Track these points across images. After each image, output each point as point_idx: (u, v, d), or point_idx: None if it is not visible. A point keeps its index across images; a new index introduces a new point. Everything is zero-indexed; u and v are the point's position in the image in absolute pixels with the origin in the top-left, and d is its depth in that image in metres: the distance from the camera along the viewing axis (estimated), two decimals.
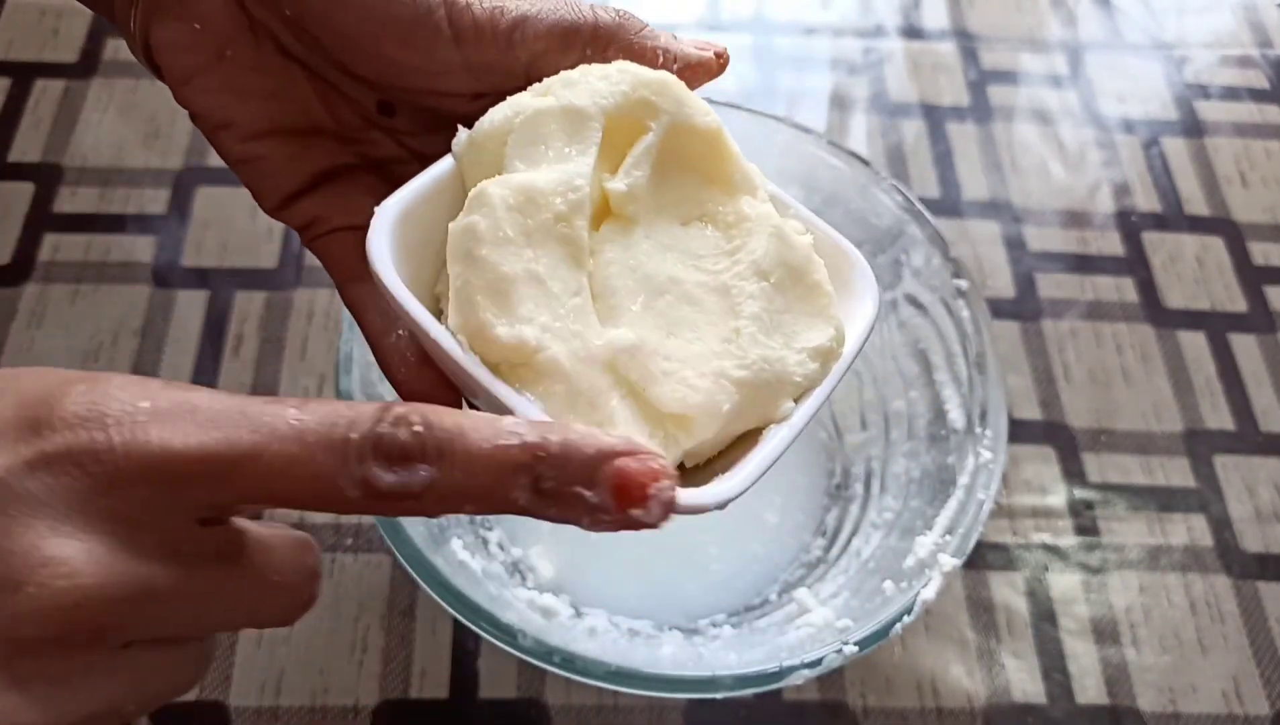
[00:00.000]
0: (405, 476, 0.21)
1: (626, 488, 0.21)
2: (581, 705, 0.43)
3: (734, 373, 0.26)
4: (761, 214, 0.29)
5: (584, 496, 0.21)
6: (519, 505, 0.21)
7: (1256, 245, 0.60)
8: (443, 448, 0.21)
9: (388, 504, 0.21)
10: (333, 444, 0.21)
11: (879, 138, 0.63)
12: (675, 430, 0.26)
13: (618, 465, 0.21)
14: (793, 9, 0.69)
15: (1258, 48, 0.69)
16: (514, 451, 0.21)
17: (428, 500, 0.21)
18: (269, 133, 0.29)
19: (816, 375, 0.28)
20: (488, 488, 0.21)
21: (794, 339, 0.27)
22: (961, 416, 0.42)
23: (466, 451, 0.21)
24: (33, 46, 0.62)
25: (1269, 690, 0.46)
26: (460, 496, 0.21)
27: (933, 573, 0.37)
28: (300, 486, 0.21)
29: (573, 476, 0.21)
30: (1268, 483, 0.51)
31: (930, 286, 0.45)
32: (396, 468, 0.21)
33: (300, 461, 0.20)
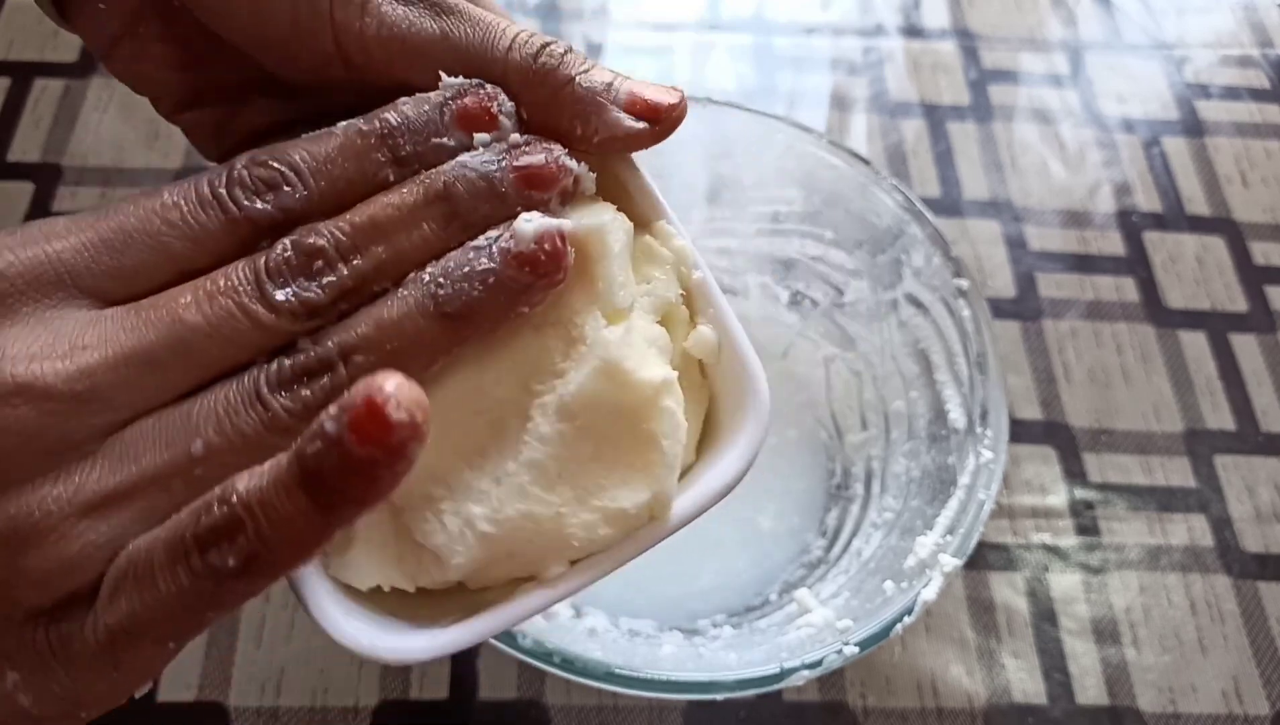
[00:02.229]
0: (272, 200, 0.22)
1: (471, 116, 0.23)
2: (581, 705, 0.43)
3: (479, 525, 0.23)
4: (598, 340, 0.23)
5: (446, 145, 0.23)
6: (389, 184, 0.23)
7: (1257, 245, 0.60)
8: (295, 166, 0.22)
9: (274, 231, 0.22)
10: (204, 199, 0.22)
11: (879, 137, 0.63)
12: (429, 560, 0.23)
13: (453, 106, 0.23)
14: (793, 9, 0.69)
15: (1258, 48, 0.69)
16: (358, 138, 0.23)
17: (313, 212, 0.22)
18: (197, 101, 0.28)
19: (608, 540, 0.23)
20: (353, 180, 0.22)
21: (590, 495, 0.23)
22: (962, 416, 0.42)
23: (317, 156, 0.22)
24: (33, 46, 0.62)
25: (1269, 690, 0.46)
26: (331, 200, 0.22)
27: (933, 573, 0.37)
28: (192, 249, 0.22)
29: (422, 132, 0.23)
30: (1268, 483, 0.51)
31: (931, 286, 0.45)
32: (265, 196, 0.22)
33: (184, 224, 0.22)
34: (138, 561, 0.20)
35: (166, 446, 0.20)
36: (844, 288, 0.49)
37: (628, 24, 0.67)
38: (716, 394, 0.25)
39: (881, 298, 0.47)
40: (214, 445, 0.20)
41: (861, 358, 0.49)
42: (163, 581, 0.19)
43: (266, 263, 0.21)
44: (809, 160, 0.47)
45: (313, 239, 0.22)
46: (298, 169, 0.22)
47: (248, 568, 0.19)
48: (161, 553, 0.20)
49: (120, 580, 0.20)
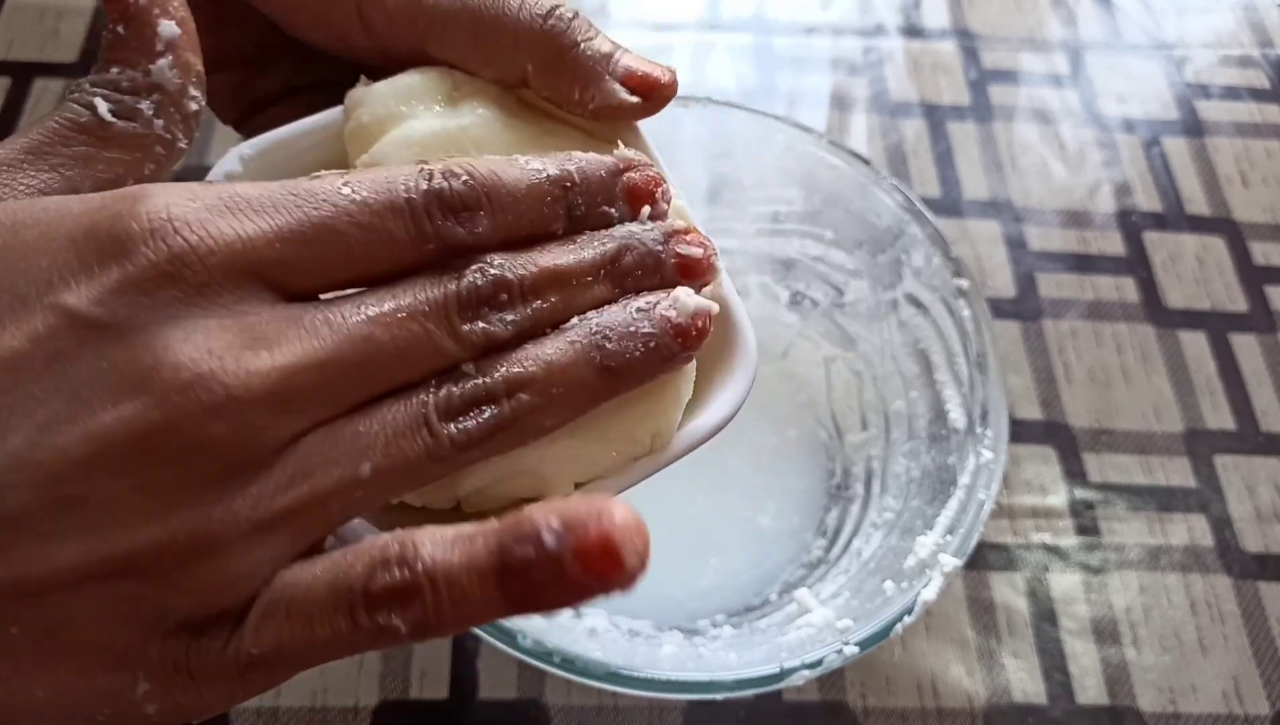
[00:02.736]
0: (468, 225, 0.22)
1: (639, 193, 0.24)
2: (581, 706, 0.43)
3: None
4: None
5: (610, 214, 0.24)
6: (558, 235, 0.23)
7: (1257, 245, 0.60)
8: (490, 192, 0.22)
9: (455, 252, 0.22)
10: (396, 206, 0.21)
11: (879, 137, 0.63)
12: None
13: (625, 179, 0.24)
14: (793, 9, 0.69)
15: (1258, 48, 0.69)
16: (545, 185, 0.23)
17: (493, 243, 0.22)
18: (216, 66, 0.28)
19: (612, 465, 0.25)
20: (534, 222, 0.23)
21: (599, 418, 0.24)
22: (962, 416, 0.42)
23: (512, 192, 0.22)
24: (33, 46, 0.62)
25: (1269, 690, 0.46)
26: (511, 233, 0.22)
27: (933, 573, 0.37)
28: (375, 252, 0.21)
29: (596, 197, 0.24)
30: (1268, 483, 0.51)
31: (931, 286, 0.45)
32: (459, 217, 0.22)
33: (372, 228, 0.21)
34: (295, 596, 0.20)
35: (337, 465, 0.20)
36: (844, 288, 0.49)
37: (628, 24, 0.67)
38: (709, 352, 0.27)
39: (881, 298, 0.47)
40: (380, 469, 0.20)
41: (861, 358, 0.49)
42: (320, 624, 0.19)
43: (459, 289, 0.21)
44: (809, 160, 0.47)
45: (505, 274, 0.22)
46: (494, 197, 0.22)
47: (413, 633, 0.19)
48: (324, 596, 0.19)
49: (273, 610, 0.20)
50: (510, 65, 0.26)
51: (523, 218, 0.23)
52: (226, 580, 0.19)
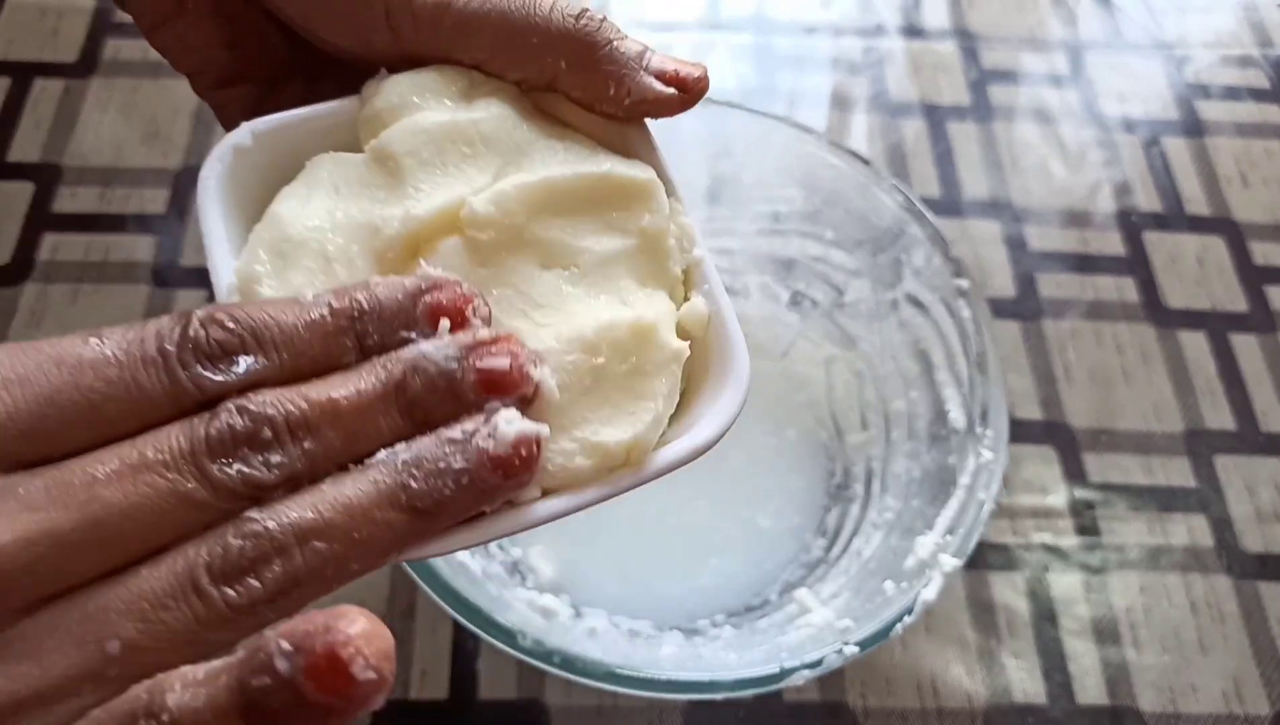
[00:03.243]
0: (228, 370, 0.20)
1: (442, 312, 0.22)
2: (581, 706, 0.43)
3: None
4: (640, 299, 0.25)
5: (409, 338, 0.21)
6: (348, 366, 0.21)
7: (1257, 245, 0.60)
8: (258, 333, 0.20)
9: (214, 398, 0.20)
10: (147, 358, 0.19)
11: (879, 137, 0.63)
12: None
13: (428, 300, 0.22)
14: (793, 8, 0.69)
15: (1258, 48, 0.69)
16: (327, 317, 0.21)
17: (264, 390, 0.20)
18: (236, 79, 0.29)
19: (584, 473, 0.23)
20: (317, 360, 0.21)
21: (574, 426, 0.23)
22: (962, 416, 0.42)
23: (284, 328, 0.20)
24: (33, 46, 0.62)
25: (1269, 690, 0.46)
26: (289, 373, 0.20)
27: (933, 573, 0.37)
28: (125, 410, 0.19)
29: (391, 323, 0.21)
30: (1268, 483, 0.51)
31: (931, 286, 0.45)
32: (219, 364, 0.20)
33: (119, 383, 0.19)
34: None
35: (76, 645, 0.18)
36: (844, 288, 0.49)
37: (628, 24, 0.67)
38: (699, 365, 0.26)
39: (882, 298, 0.47)
40: (134, 643, 0.18)
41: (862, 358, 0.49)
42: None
43: (207, 432, 0.19)
44: (809, 160, 0.47)
45: (265, 410, 0.19)
46: (260, 337, 0.20)
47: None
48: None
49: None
50: (539, 66, 0.26)
51: (302, 357, 0.21)
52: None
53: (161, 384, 0.19)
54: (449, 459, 0.20)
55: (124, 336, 0.19)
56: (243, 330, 0.20)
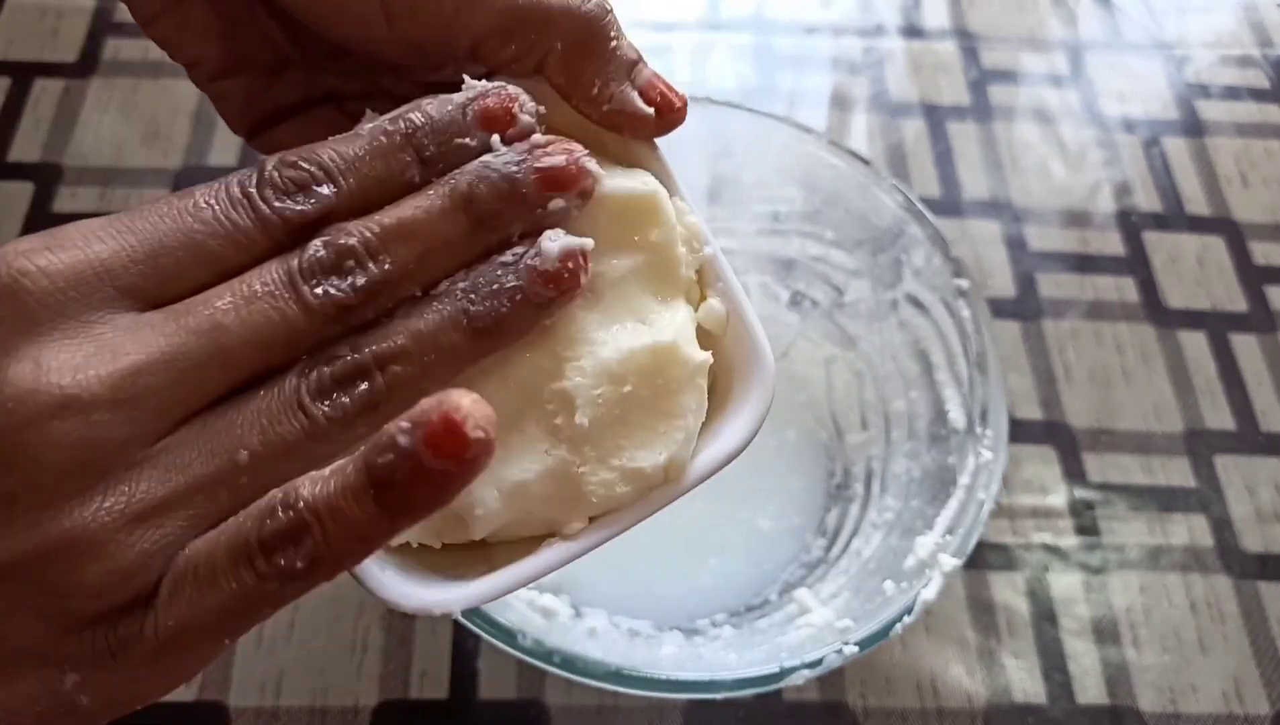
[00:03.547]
0: (305, 200, 0.22)
1: (493, 116, 0.24)
2: (581, 705, 0.43)
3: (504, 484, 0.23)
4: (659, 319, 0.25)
5: (469, 146, 0.23)
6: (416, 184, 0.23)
7: (1257, 245, 0.60)
8: (324, 165, 0.22)
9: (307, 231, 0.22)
10: (234, 200, 0.22)
11: (879, 137, 0.63)
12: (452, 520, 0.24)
13: (476, 106, 0.24)
14: (793, 8, 0.69)
15: (1258, 47, 0.69)
16: (384, 137, 0.23)
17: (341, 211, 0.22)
18: (234, 70, 0.29)
19: (625, 498, 0.24)
20: (382, 180, 0.23)
21: (610, 455, 0.24)
22: (962, 416, 0.42)
23: (345, 157, 0.23)
24: (33, 46, 0.62)
25: (1269, 690, 0.46)
26: (361, 200, 0.22)
27: (933, 573, 0.37)
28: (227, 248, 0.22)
29: (445, 133, 0.23)
30: (1268, 483, 0.51)
31: (931, 286, 0.45)
32: (296, 196, 0.22)
33: (217, 222, 0.21)
34: (198, 564, 0.20)
35: (212, 455, 0.21)
36: (844, 288, 0.49)
37: (627, 24, 0.66)
38: (722, 364, 0.26)
39: (881, 298, 0.47)
40: (258, 453, 0.21)
41: (862, 358, 0.49)
42: (225, 582, 0.20)
43: (300, 262, 0.22)
44: (809, 160, 0.47)
45: (343, 239, 0.22)
46: (327, 168, 0.22)
47: (312, 568, 0.20)
48: (224, 555, 0.20)
49: (180, 582, 0.20)
50: (535, 44, 0.26)
51: (367, 178, 0.23)
52: (118, 575, 0.20)
53: (251, 219, 0.22)
54: (502, 280, 0.22)
55: (209, 189, 0.22)
56: (310, 165, 0.22)
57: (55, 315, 0.20)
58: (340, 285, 0.22)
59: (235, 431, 0.21)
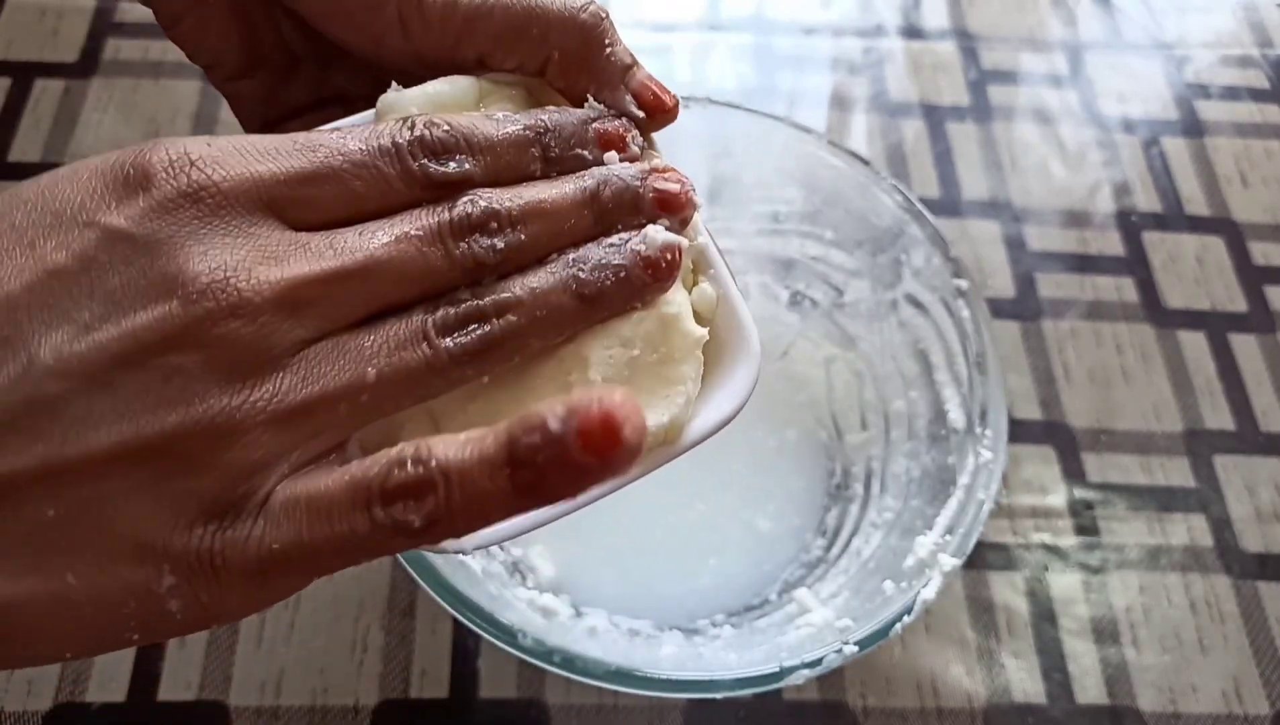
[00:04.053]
0: (447, 163, 0.24)
1: (611, 139, 0.27)
2: (581, 705, 0.43)
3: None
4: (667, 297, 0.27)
5: (585, 157, 0.26)
6: (537, 176, 0.26)
7: (1257, 245, 0.60)
8: (468, 137, 0.25)
9: (442, 190, 0.24)
10: (384, 149, 0.24)
11: (879, 137, 0.63)
12: None
13: (597, 126, 0.27)
14: (793, 8, 0.69)
15: (1258, 48, 0.69)
16: (520, 130, 0.25)
17: (477, 181, 0.24)
18: (250, 71, 0.31)
19: None
20: (512, 164, 0.25)
21: None
22: (962, 416, 0.42)
23: (487, 137, 0.25)
24: (33, 46, 0.62)
25: (1269, 690, 0.46)
26: (491, 172, 0.25)
27: (933, 572, 0.37)
28: (370, 190, 0.23)
29: (570, 140, 0.26)
30: (1268, 483, 0.51)
31: (930, 286, 0.45)
32: (441, 158, 0.24)
33: (365, 166, 0.23)
34: (316, 494, 0.21)
35: (344, 370, 0.22)
36: (844, 288, 0.49)
37: (628, 24, 0.67)
38: (712, 344, 0.28)
39: (881, 298, 0.47)
40: (384, 375, 0.22)
41: (861, 358, 0.49)
42: (338, 521, 0.21)
43: (451, 216, 0.24)
44: (809, 160, 0.47)
45: (492, 204, 0.24)
46: (470, 141, 0.25)
47: (426, 528, 0.20)
48: (344, 493, 0.21)
49: (293, 507, 0.21)
50: (534, 53, 0.28)
51: (500, 159, 0.25)
52: (249, 464, 0.21)
53: (396, 170, 0.24)
54: (609, 257, 0.25)
55: (361, 133, 0.24)
56: (457, 133, 0.24)
57: (225, 222, 0.22)
58: (483, 242, 0.24)
59: (366, 352, 0.22)
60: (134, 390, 0.20)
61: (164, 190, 0.21)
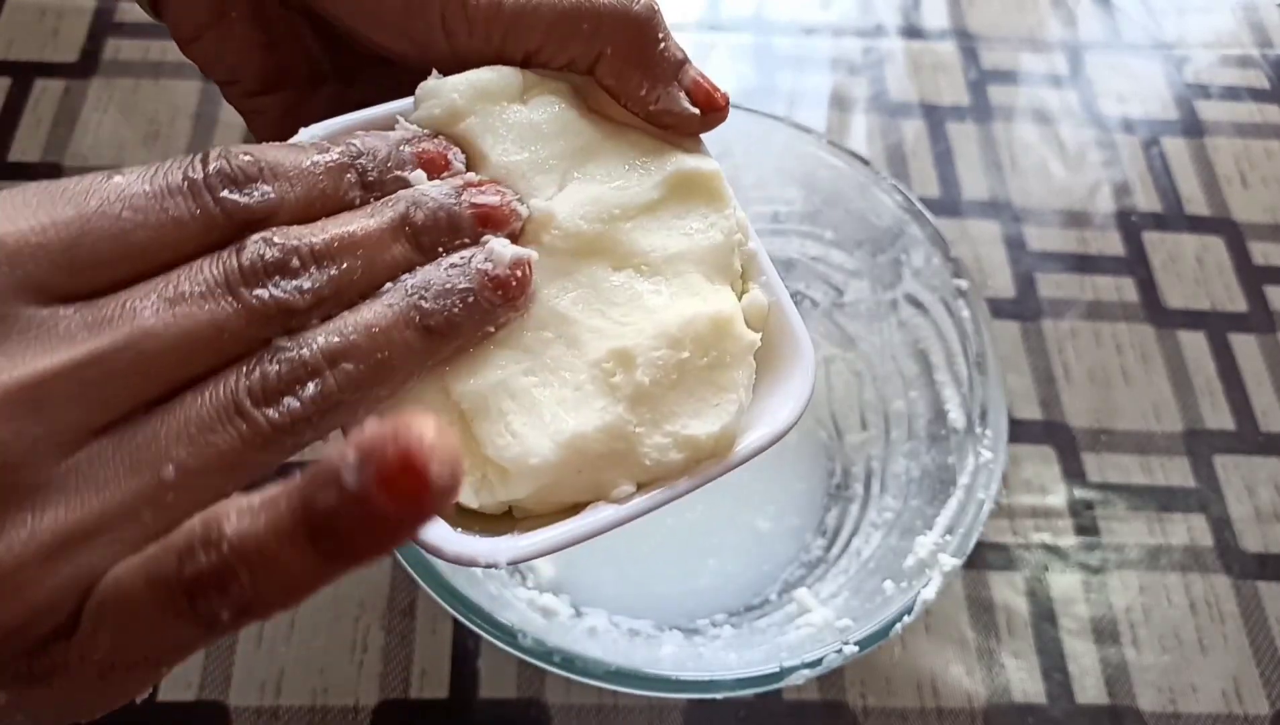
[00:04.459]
0: (250, 194, 0.21)
1: (432, 161, 0.24)
2: (581, 705, 0.43)
3: (561, 436, 0.23)
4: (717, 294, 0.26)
5: (405, 180, 0.24)
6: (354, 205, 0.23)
7: (1256, 245, 0.60)
8: (272, 164, 0.21)
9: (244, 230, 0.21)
10: (173, 187, 0.20)
11: (879, 137, 0.63)
12: (494, 476, 0.24)
13: (413, 148, 0.24)
14: (793, 9, 0.69)
15: (1258, 48, 0.69)
16: (331, 158, 0.23)
17: (280, 218, 0.21)
18: (272, 87, 0.29)
19: (675, 467, 0.24)
20: (326, 192, 0.22)
21: (665, 420, 0.24)
22: (962, 416, 0.42)
23: (295, 163, 0.22)
24: (33, 46, 0.62)
25: (1269, 690, 0.46)
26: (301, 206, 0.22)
27: (933, 572, 0.37)
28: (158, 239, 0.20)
29: (385, 163, 0.24)
30: (1268, 483, 0.51)
31: (930, 286, 0.45)
32: (242, 188, 0.21)
33: (149, 212, 0.20)
34: (119, 597, 0.18)
35: (131, 472, 0.18)
36: (844, 288, 0.49)
37: None
38: (762, 353, 0.27)
39: (881, 298, 0.47)
40: (188, 468, 0.18)
41: (861, 358, 0.49)
42: (146, 620, 0.18)
43: (239, 261, 0.20)
44: (809, 160, 0.47)
45: (289, 240, 0.21)
46: (276, 169, 0.21)
47: (238, 617, 0.18)
48: (144, 591, 0.18)
49: (100, 616, 0.18)
50: (586, 48, 0.26)
51: (312, 189, 0.22)
52: (30, 610, 0.18)
53: (188, 210, 0.20)
54: (453, 281, 0.22)
55: (147, 171, 0.20)
56: (260, 159, 0.21)
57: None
58: (286, 285, 0.20)
59: (159, 443, 0.19)
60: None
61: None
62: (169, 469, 0.18)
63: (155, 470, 0.18)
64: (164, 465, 0.18)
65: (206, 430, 0.19)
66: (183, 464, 0.19)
